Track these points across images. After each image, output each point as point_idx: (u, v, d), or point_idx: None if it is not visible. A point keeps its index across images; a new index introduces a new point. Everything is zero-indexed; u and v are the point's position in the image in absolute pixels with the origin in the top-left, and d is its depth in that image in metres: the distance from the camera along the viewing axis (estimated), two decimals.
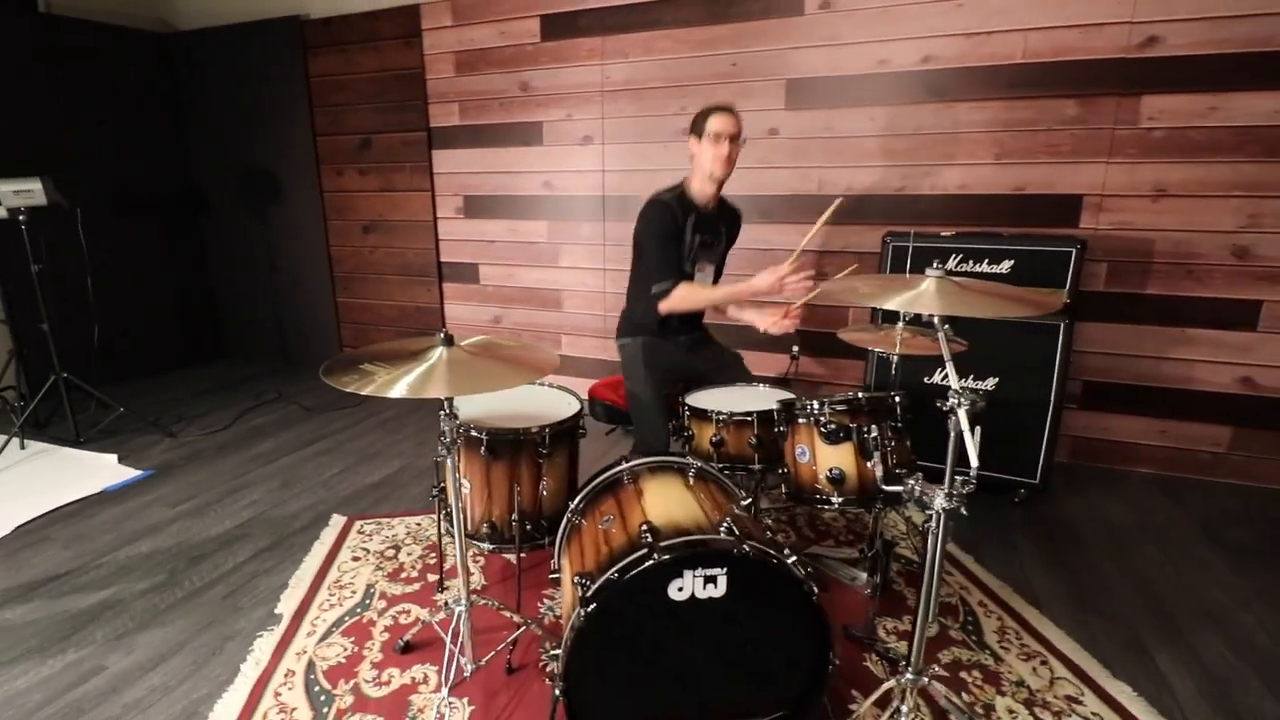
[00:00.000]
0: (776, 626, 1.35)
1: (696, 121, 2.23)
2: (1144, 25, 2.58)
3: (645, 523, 1.34)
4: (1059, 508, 2.61)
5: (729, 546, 1.27)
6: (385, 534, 2.43)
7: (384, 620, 1.95)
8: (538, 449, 1.71)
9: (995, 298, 1.28)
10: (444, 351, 1.40)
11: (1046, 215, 2.82)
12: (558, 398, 1.97)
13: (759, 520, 1.61)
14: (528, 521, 1.76)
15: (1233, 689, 1.70)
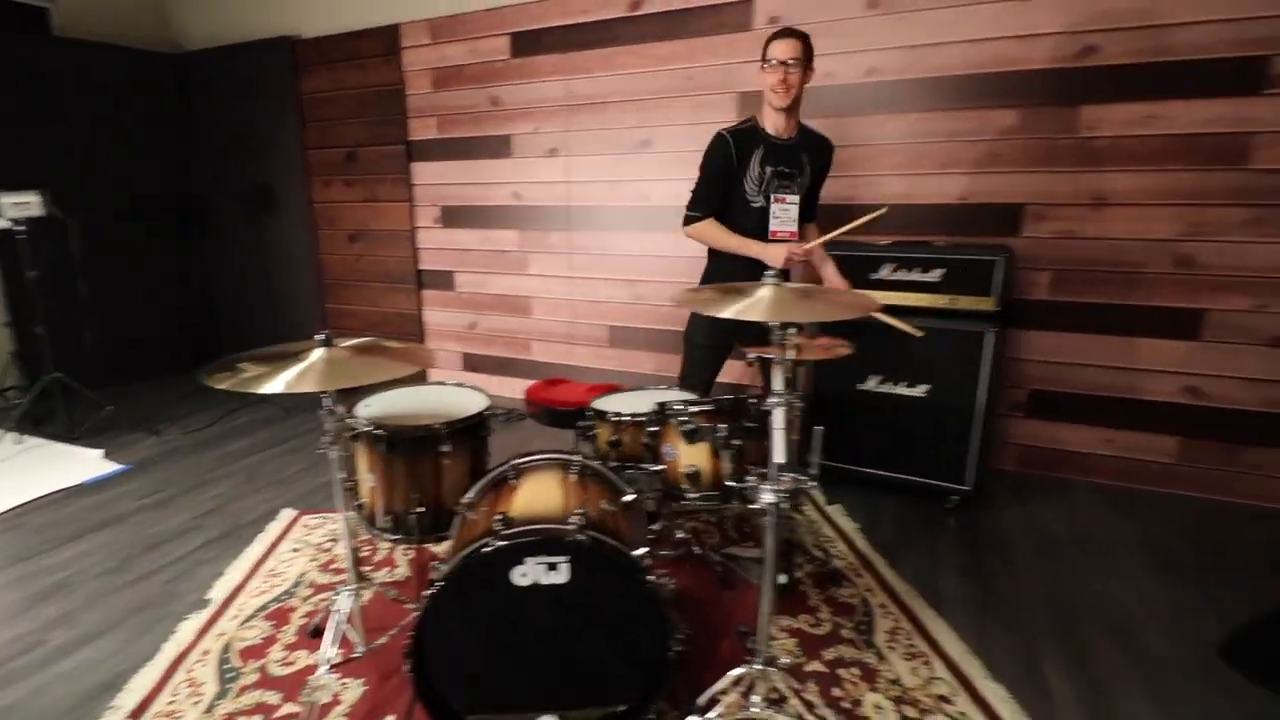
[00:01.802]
0: (623, 615, 1.42)
1: (764, 48, 2.19)
2: (1081, 35, 2.59)
3: (501, 514, 1.42)
4: (994, 515, 2.61)
5: (566, 535, 1.34)
6: (328, 528, 2.55)
7: (306, 606, 2.07)
8: (438, 446, 1.81)
9: (826, 303, 1.34)
10: (323, 351, 1.51)
11: (989, 224, 2.83)
12: (473, 399, 2.06)
13: (637, 514, 1.67)
14: (430, 515, 1.86)
15: (1113, 697, 1.70)
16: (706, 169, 2.27)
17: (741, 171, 2.23)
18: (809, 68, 2.16)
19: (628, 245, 3.62)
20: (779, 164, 2.24)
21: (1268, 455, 2.59)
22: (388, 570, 2.26)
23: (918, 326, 2.19)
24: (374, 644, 1.77)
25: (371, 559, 2.31)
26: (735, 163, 2.21)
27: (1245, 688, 1.73)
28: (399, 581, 2.18)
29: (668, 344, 3.61)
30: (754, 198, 2.26)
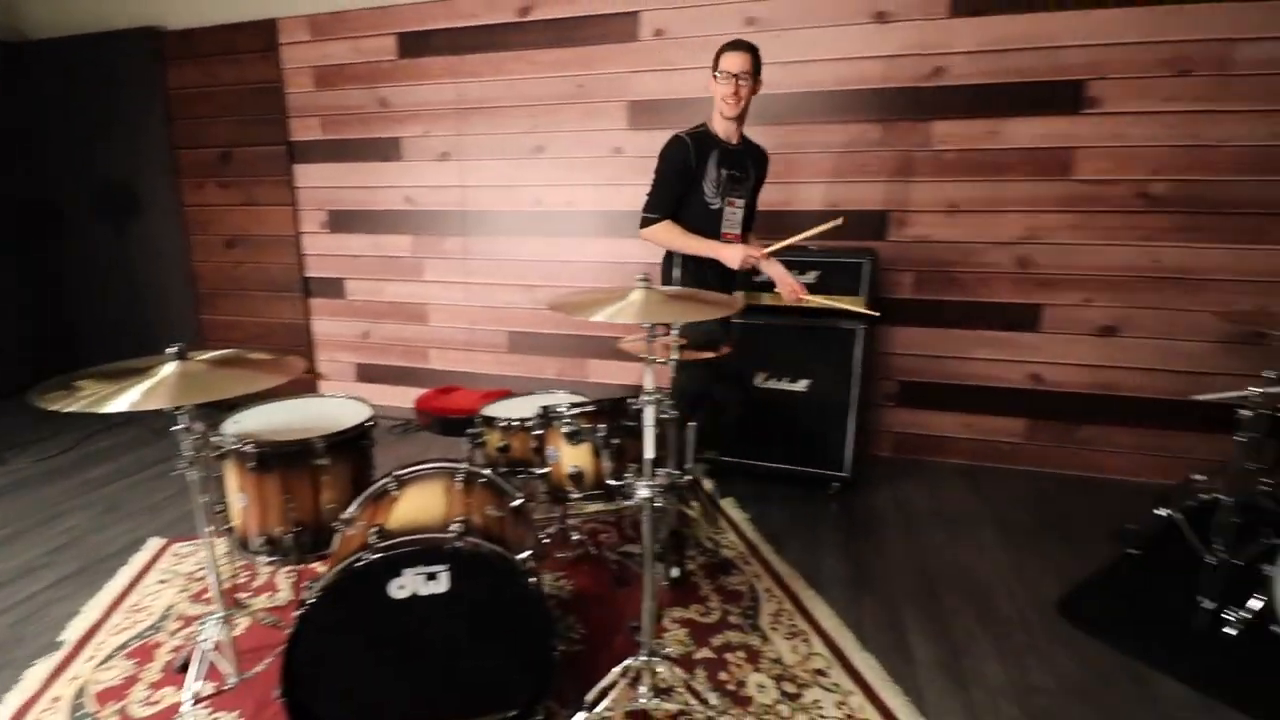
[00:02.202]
0: (506, 619, 1.43)
1: (715, 59, 2.26)
2: (932, 57, 2.85)
3: (377, 526, 1.40)
4: (869, 498, 2.82)
5: (445, 543, 1.34)
6: (201, 555, 2.38)
7: (174, 641, 1.93)
8: (313, 460, 1.75)
9: (693, 303, 1.41)
10: (176, 365, 1.42)
11: (860, 229, 3.05)
12: (355, 410, 2.00)
13: (526, 517, 1.69)
14: (309, 534, 1.79)
15: (967, 655, 1.89)
16: (665, 171, 2.27)
17: (700, 174, 2.26)
18: (758, 79, 2.26)
19: (525, 250, 3.61)
20: (731, 168, 2.32)
21: (1098, 432, 2.95)
22: (268, 595, 2.14)
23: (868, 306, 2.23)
24: (248, 674, 1.68)
25: (250, 585, 2.19)
26: (694, 165, 2.24)
27: (1080, 639, 1.96)
28: (280, 606, 2.08)
29: (570, 348, 3.64)
30: (713, 200, 2.30)
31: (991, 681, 1.78)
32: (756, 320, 2.81)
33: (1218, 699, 1.71)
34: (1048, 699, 1.72)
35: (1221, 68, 2.56)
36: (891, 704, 1.69)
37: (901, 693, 1.72)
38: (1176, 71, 2.60)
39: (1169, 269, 2.73)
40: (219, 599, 1.59)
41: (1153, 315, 2.79)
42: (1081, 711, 1.68)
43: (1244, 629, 1.89)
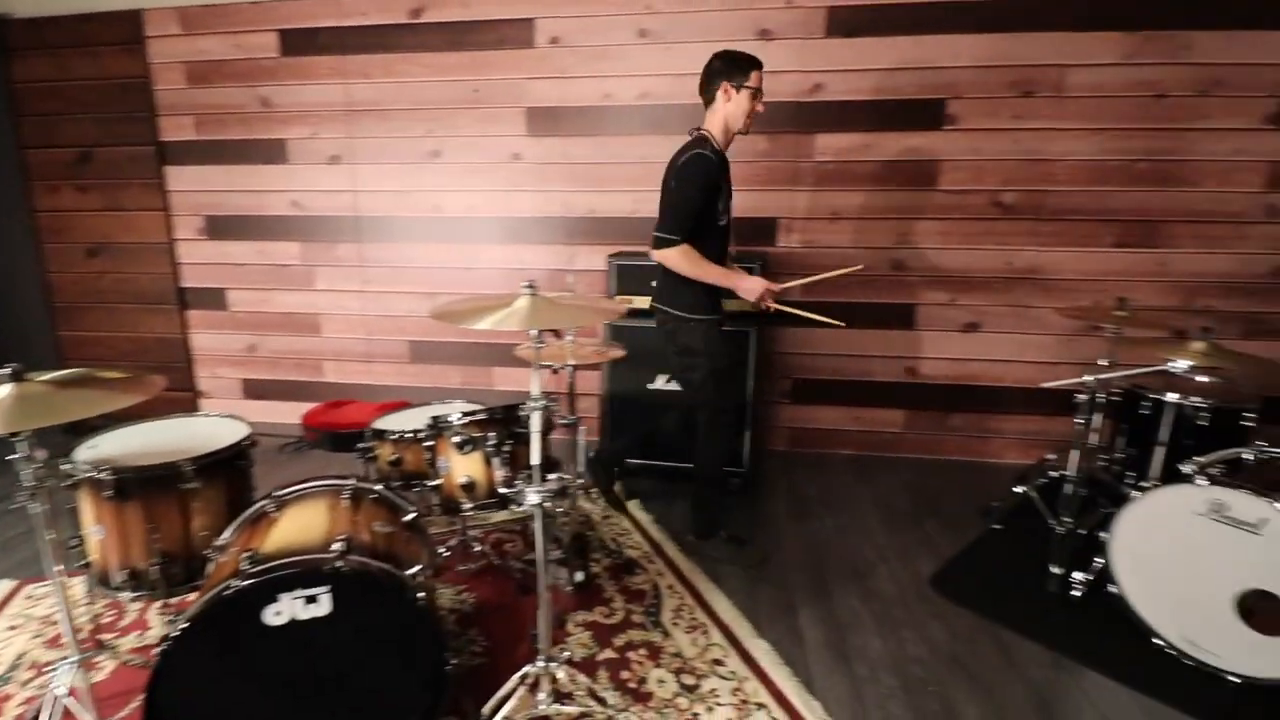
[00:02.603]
0: (396, 637, 1.40)
1: (740, 68, 2.13)
2: (812, 74, 3.03)
3: (250, 551, 1.34)
4: (767, 491, 2.95)
5: (325, 564, 1.30)
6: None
7: (26, 691, 1.75)
8: (181, 485, 1.64)
9: (579, 309, 1.44)
10: (11, 387, 1.30)
11: (752, 235, 3.19)
12: (229, 429, 1.89)
13: (419, 533, 1.66)
14: (180, 565, 1.68)
15: (852, 633, 2.02)
16: (691, 192, 2.11)
17: (719, 191, 2.18)
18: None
19: (424, 257, 3.52)
20: (728, 182, 2.27)
21: (966, 419, 3.23)
22: (138, 635, 1.98)
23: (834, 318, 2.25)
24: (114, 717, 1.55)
25: (116, 624, 2.02)
26: (717, 183, 2.16)
27: (950, 609, 2.15)
28: (150, 645, 1.93)
29: (474, 356, 3.58)
30: (720, 217, 2.22)
31: (873, 655, 1.92)
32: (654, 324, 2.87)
33: (1065, 654, 1.92)
34: (922, 667, 1.88)
35: (1058, 90, 2.88)
36: (783, 686, 1.78)
37: (792, 674, 1.82)
38: (1020, 93, 2.90)
39: (1020, 270, 3.04)
40: (73, 642, 1.46)
41: (1008, 312, 3.09)
42: (952, 675, 1.85)
43: (1087, 590, 2.13)
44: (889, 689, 1.79)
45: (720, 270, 2.20)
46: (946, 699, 1.75)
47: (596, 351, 2.12)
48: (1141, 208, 2.92)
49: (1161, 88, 2.80)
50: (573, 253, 3.37)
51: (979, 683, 1.81)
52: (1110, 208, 2.94)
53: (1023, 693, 1.78)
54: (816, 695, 1.75)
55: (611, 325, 2.91)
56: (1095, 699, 1.76)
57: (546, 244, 3.39)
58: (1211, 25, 2.74)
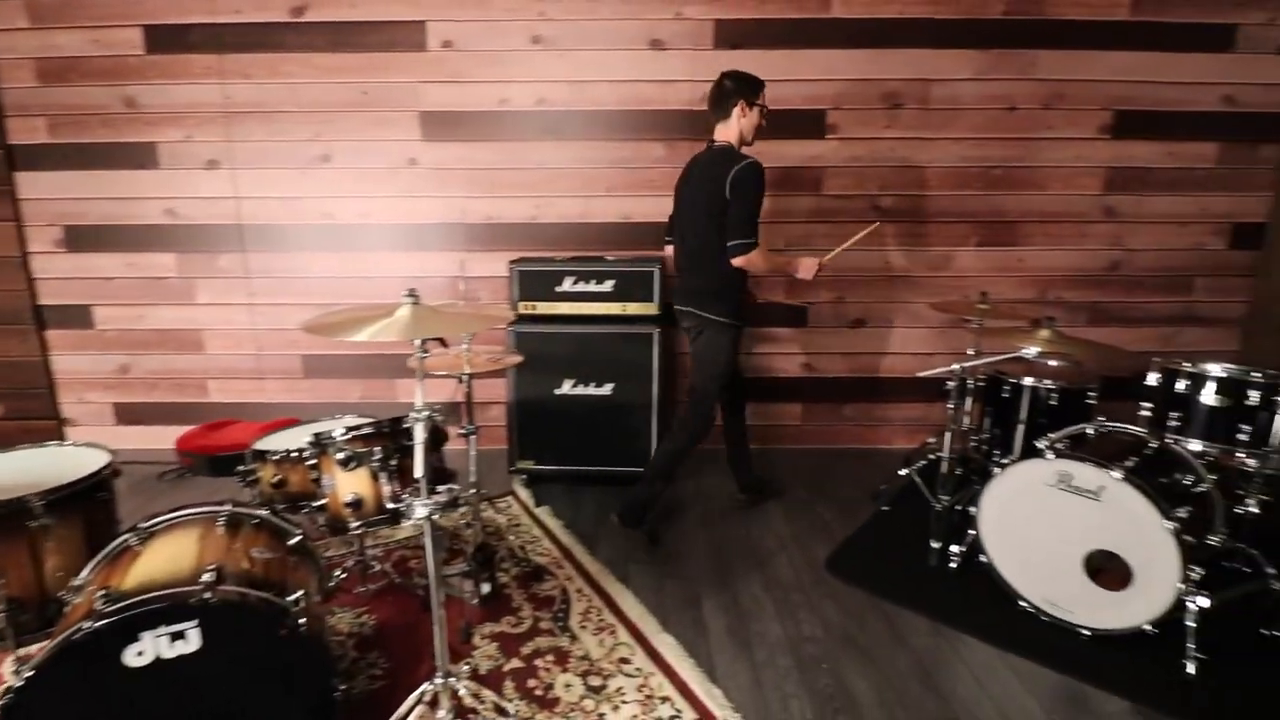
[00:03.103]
0: (278, 667, 1.34)
1: (753, 88, 2.39)
2: (702, 84, 3.06)
3: (106, 589, 1.24)
4: (675, 489, 3.02)
5: (191, 597, 1.23)
6: None
7: None
8: (29, 522, 1.50)
9: (463, 317, 1.43)
10: None
11: (652, 239, 3.24)
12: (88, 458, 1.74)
13: (308, 556, 1.60)
14: (33, 608, 1.53)
15: (752, 620, 2.11)
16: (758, 200, 2.33)
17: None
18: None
19: (318, 266, 3.37)
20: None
21: (858, 409, 3.44)
22: None
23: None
24: None
25: None
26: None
27: (843, 590, 2.28)
28: None
29: (375, 368, 3.46)
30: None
31: (772, 639, 2.01)
32: (559, 329, 2.89)
33: (944, 622, 2.09)
34: (816, 646, 1.98)
35: (923, 103, 3.12)
36: (686, 677, 1.84)
37: (695, 665, 1.88)
38: (892, 105, 3.12)
39: (897, 269, 3.26)
40: None
41: (889, 308, 3.32)
42: (843, 650, 1.96)
43: (962, 561, 2.32)
44: (785, 670, 1.88)
45: (780, 258, 2.54)
46: (838, 674, 1.86)
47: (492, 359, 2.10)
48: (999, 210, 3.21)
49: (1012, 101, 3.10)
50: (468, 259, 3.32)
51: (868, 656, 1.94)
52: (973, 210, 3.21)
53: (906, 661, 1.92)
54: (718, 683, 1.82)
55: (517, 332, 2.90)
56: (968, 660, 1.92)
57: (446, 251, 3.33)
58: (1053, 45, 3.06)
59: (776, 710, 1.73)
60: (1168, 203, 3.21)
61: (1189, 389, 1.97)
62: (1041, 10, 3.01)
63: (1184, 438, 2.00)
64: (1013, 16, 3.02)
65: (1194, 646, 1.82)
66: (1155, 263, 3.28)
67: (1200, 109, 3.10)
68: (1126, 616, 1.90)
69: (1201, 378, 1.95)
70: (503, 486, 3.04)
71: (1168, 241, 3.25)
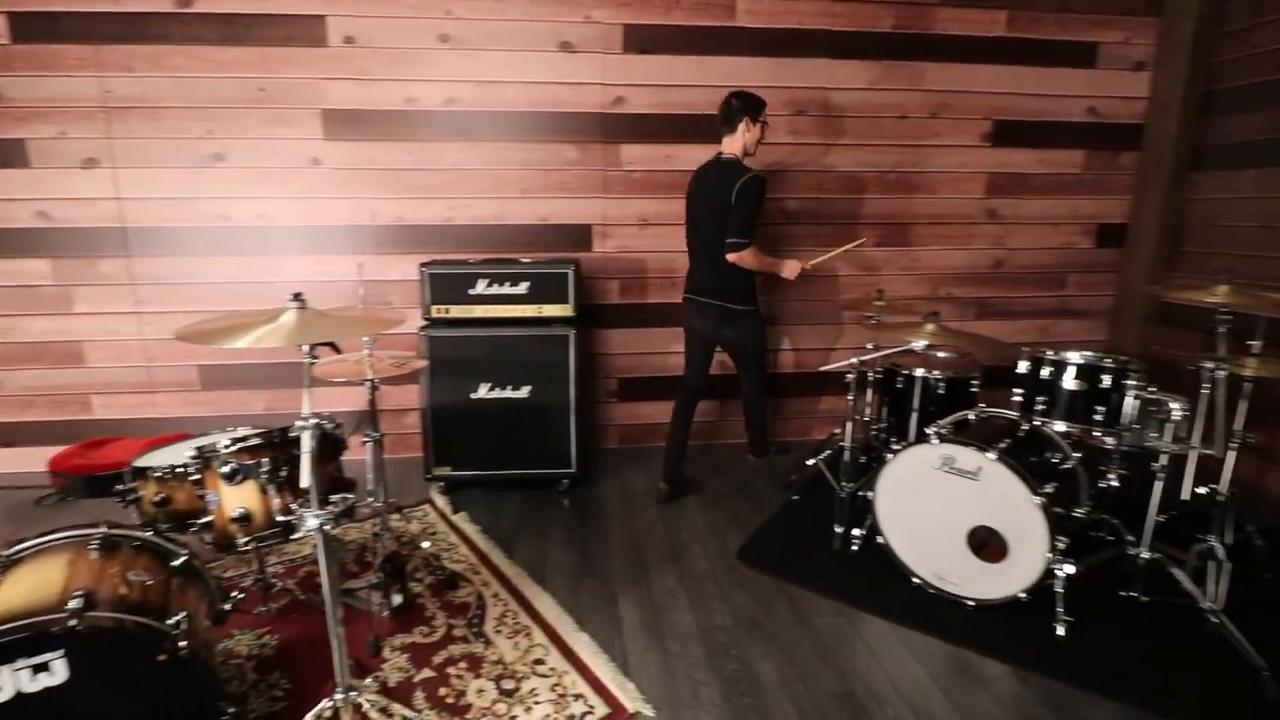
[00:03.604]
0: (158, 695, 1.28)
1: (757, 107, 2.70)
2: (613, 88, 3.17)
3: None
4: (597, 489, 3.05)
5: (55, 626, 1.15)
6: None
7: None
8: None
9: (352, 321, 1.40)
10: None
11: (568, 241, 3.28)
12: None
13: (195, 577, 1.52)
14: None
15: (666, 612, 2.16)
16: (757, 205, 2.66)
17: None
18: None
19: (212, 271, 3.19)
20: None
21: (773, 403, 3.55)
22: None
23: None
24: None
25: None
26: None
27: (753, 578, 2.36)
28: None
29: (281, 378, 3.31)
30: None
31: (684, 630, 2.07)
32: (474, 333, 2.86)
33: (844, 601, 2.20)
34: (725, 634, 2.05)
35: (824, 110, 3.27)
36: (600, 673, 1.86)
37: (609, 660, 1.91)
38: (794, 111, 3.26)
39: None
40: None
41: (797, 305, 3.46)
42: (750, 636, 2.04)
43: (863, 544, 2.45)
44: (696, 658, 1.94)
45: (770, 258, 2.82)
46: (745, 658, 1.94)
47: (397, 364, 2.06)
48: (894, 212, 3.41)
49: (902, 110, 3.29)
50: (377, 262, 3.22)
51: (773, 639, 2.02)
52: (870, 212, 3.40)
53: (809, 641, 2.02)
54: (631, 676, 1.86)
55: (430, 336, 2.84)
56: (864, 635, 2.04)
57: (353, 254, 3.22)
58: (938, 58, 3.27)
59: (687, 697, 1.79)
60: (1042, 205, 3.50)
61: (1052, 375, 2.16)
62: (926, 25, 3.22)
63: (1050, 420, 2.19)
64: (901, 30, 3.22)
65: (1062, 610, 2.00)
66: (1033, 261, 3.57)
67: (1068, 119, 3.40)
68: (1004, 586, 2.07)
69: (1062, 364, 2.15)
70: (420, 495, 2.98)
71: (1043, 241, 3.55)
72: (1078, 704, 1.78)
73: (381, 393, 3.36)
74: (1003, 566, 2.07)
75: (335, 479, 1.74)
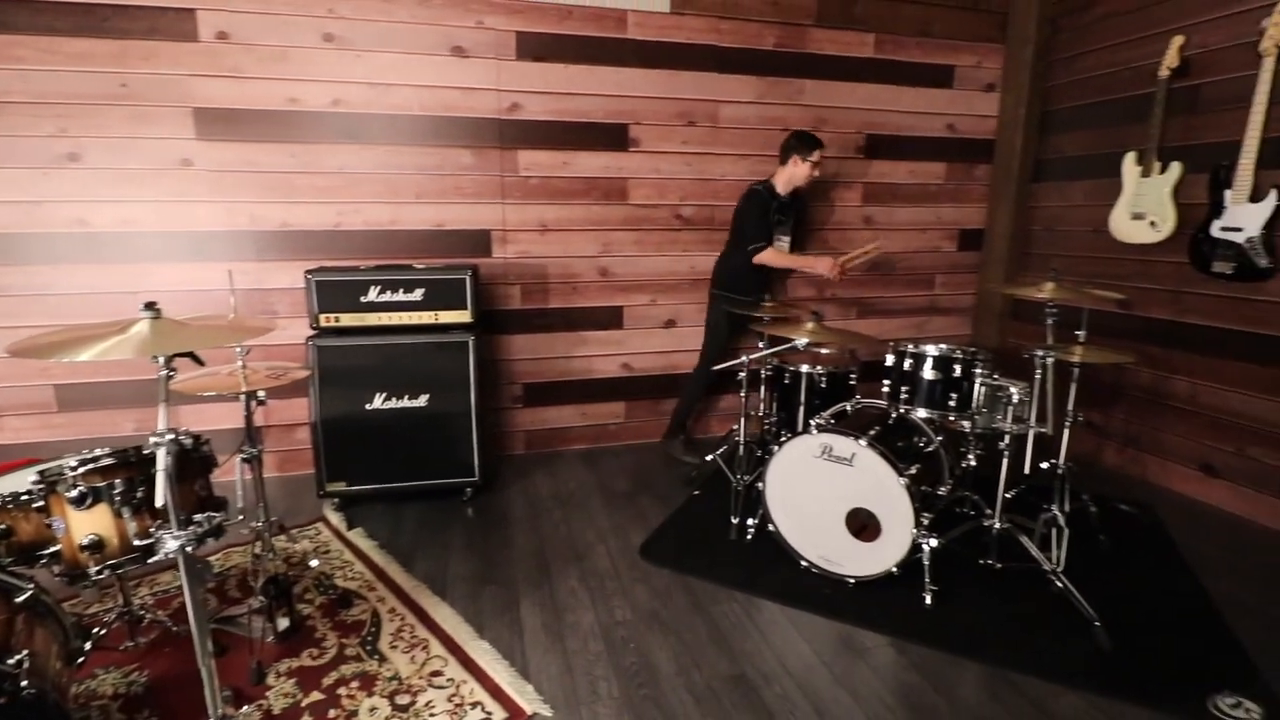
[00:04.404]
0: None
1: (808, 147, 3.11)
2: (508, 93, 3.18)
3: None
4: (502, 495, 3.04)
5: None
6: None
7: None
8: None
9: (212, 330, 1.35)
10: None
11: (467, 247, 3.24)
12: None
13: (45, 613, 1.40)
14: None
15: (568, 613, 2.19)
16: (752, 213, 3.17)
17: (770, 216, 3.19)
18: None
19: (69, 281, 2.91)
20: (780, 214, 3.24)
21: (673, 403, 3.67)
22: None
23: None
24: None
25: None
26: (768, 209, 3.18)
27: (654, 572, 2.43)
28: None
29: (150, 394, 3.06)
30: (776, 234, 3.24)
31: (584, 628, 2.10)
32: (366, 341, 2.77)
33: (737, 588, 2.31)
34: (625, 629, 2.10)
35: (714, 121, 3.42)
36: (499, 679, 1.86)
37: (508, 665, 1.92)
38: (686, 122, 3.39)
39: (701, 273, 3.54)
40: None
41: (695, 309, 3.59)
42: (649, 628, 2.10)
43: (756, 532, 2.58)
44: (596, 655, 1.98)
45: (795, 257, 3.31)
46: (643, 650, 2.00)
47: (272, 374, 1.96)
48: None
49: (785, 123, 3.49)
50: (250, 269, 3.05)
51: (670, 630, 2.10)
52: None
53: (704, 629, 2.10)
54: (531, 679, 1.87)
55: (319, 346, 2.73)
56: (756, 620, 2.15)
57: (233, 261, 3.04)
58: (816, 76, 3.50)
59: (585, 694, 1.82)
60: (911, 213, 3.82)
61: (914, 366, 2.37)
62: (804, 45, 3.45)
63: (914, 407, 2.40)
64: (782, 49, 3.42)
65: (929, 580, 2.20)
66: (905, 263, 3.89)
67: (931, 134, 3.73)
68: (880, 562, 2.24)
69: (922, 356, 2.37)
70: (313, 513, 2.85)
71: (913, 245, 3.87)
72: (944, 666, 1.96)
73: (269, 407, 3.24)
74: (878, 544, 2.25)
75: (203, 498, 1.64)
